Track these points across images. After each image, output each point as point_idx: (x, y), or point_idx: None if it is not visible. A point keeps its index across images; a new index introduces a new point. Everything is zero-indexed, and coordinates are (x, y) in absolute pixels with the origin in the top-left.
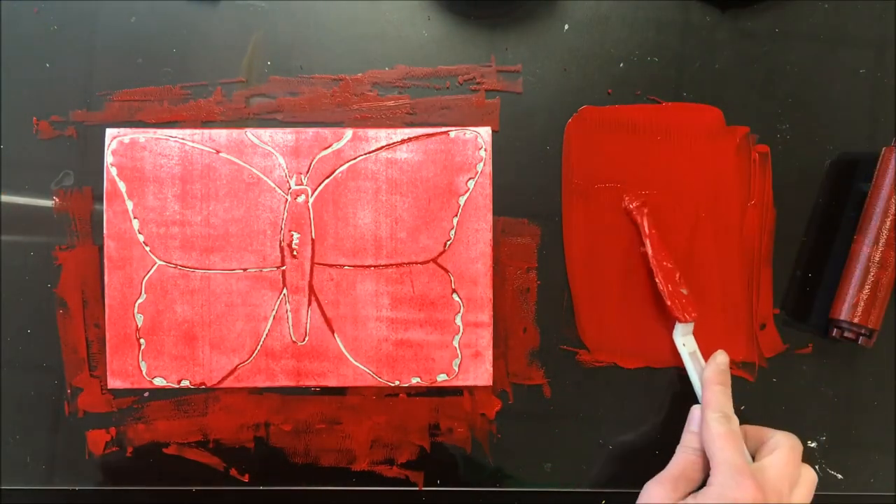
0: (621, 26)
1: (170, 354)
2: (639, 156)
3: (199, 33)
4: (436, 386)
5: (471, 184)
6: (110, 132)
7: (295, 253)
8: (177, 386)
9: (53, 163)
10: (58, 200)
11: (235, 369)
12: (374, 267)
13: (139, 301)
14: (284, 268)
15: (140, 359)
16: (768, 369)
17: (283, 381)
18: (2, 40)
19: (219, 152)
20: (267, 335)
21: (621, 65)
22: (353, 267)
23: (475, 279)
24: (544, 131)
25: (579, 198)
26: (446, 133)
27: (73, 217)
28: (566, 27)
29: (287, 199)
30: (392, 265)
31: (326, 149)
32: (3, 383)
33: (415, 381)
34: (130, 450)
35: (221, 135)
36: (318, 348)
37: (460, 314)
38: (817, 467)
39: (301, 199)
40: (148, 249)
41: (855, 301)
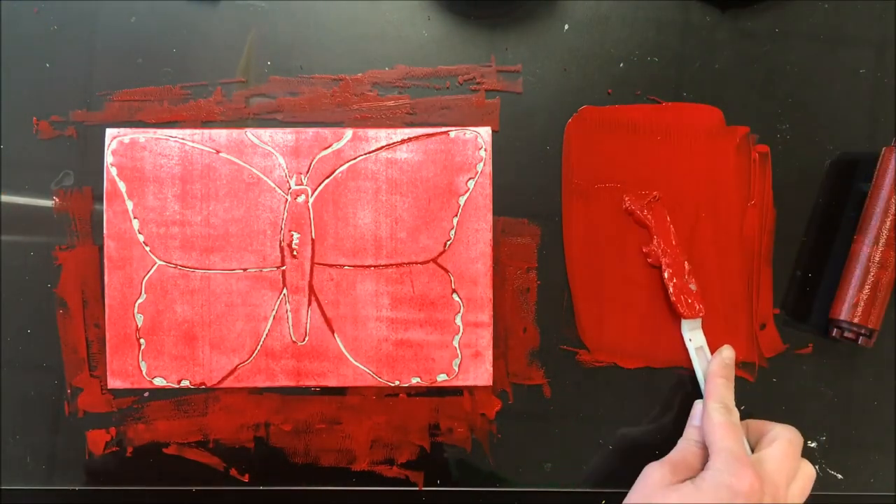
0: (621, 26)
1: (170, 354)
2: (639, 156)
3: (199, 33)
4: (436, 386)
5: (471, 184)
6: (110, 132)
7: (295, 253)
8: (177, 386)
9: (53, 163)
10: (58, 200)
11: (235, 369)
12: (374, 267)
13: (139, 301)
14: (284, 268)
15: (140, 359)
16: (768, 369)
17: (283, 381)
18: (2, 40)
19: (219, 152)
20: (267, 335)
21: (621, 65)
22: (353, 267)
23: (475, 279)
24: (544, 131)
25: (579, 198)
26: (446, 133)
27: (73, 217)
28: (566, 27)
29: (287, 199)
30: (392, 265)
31: (326, 149)
32: (3, 383)
33: (415, 381)
34: (130, 450)
35: (221, 135)
36: (318, 348)
37: (460, 314)
38: (817, 467)
39: (301, 199)
40: (148, 249)
41: (855, 301)
